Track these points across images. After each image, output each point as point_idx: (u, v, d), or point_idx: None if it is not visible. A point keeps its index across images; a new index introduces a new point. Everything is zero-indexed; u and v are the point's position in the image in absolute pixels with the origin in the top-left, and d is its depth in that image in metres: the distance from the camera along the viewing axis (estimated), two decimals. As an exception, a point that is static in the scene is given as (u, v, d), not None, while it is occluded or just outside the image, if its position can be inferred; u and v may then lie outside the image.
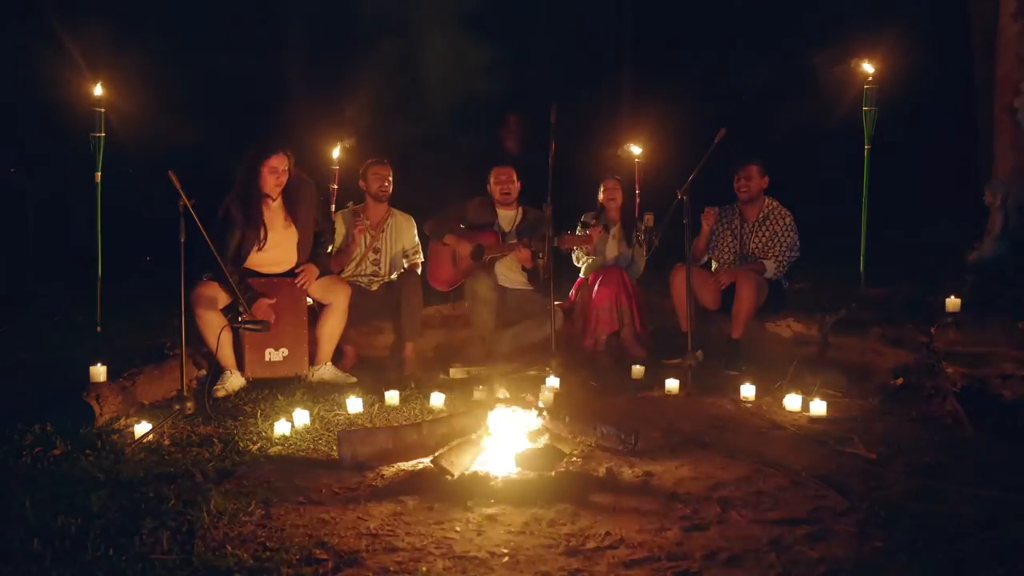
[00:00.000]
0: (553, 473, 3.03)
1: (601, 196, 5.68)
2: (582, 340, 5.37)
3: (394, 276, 5.33)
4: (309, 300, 4.75)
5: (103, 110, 4.71)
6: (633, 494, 2.90)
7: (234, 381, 4.41)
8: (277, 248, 4.64)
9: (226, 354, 4.41)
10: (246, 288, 4.39)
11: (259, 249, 4.57)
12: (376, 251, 5.37)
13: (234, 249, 4.49)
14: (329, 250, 5.00)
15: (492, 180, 5.52)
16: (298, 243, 4.70)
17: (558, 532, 2.55)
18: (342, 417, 3.93)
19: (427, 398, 4.19)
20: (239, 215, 4.50)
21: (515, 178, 5.50)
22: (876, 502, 2.76)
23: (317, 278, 4.69)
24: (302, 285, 4.63)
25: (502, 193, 5.47)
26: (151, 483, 2.93)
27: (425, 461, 3.21)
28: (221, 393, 4.31)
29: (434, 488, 2.93)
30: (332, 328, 4.69)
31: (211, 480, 3.00)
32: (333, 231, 5.14)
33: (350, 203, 5.45)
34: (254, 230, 4.53)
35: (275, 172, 4.54)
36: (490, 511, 2.71)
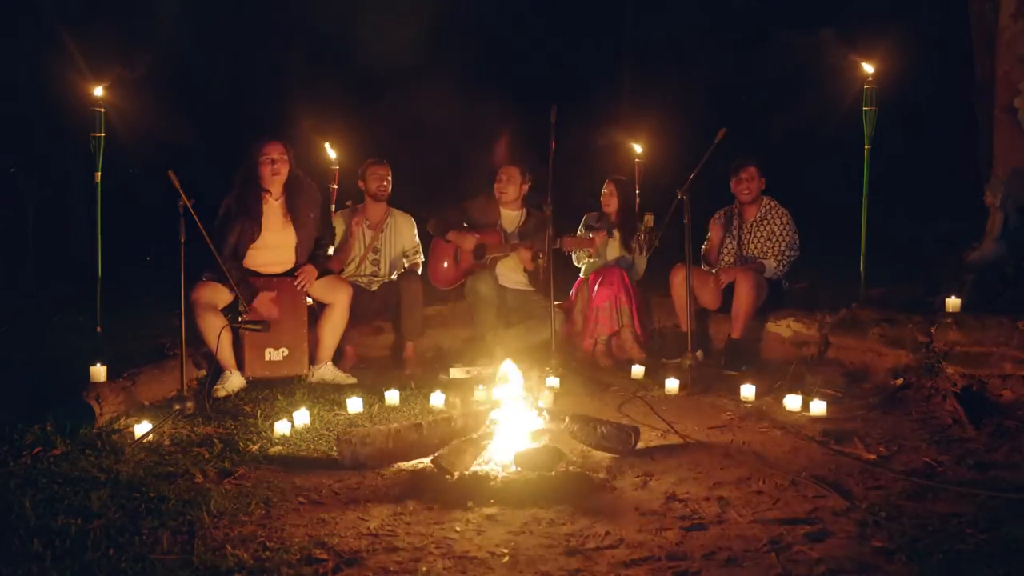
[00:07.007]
0: (553, 473, 3.02)
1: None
2: (582, 340, 5.37)
3: (394, 276, 5.33)
4: (309, 300, 4.75)
5: (103, 110, 4.70)
6: (633, 494, 2.90)
7: (234, 381, 4.41)
8: (276, 248, 4.64)
9: (226, 354, 4.41)
10: (245, 285, 4.40)
11: (254, 242, 4.56)
12: (376, 251, 5.37)
13: (232, 245, 4.48)
14: (329, 252, 4.99)
15: (496, 178, 5.52)
16: (297, 244, 4.70)
17: (558, 532, 2.55)
18: (342, 417, 3.93)
19: (427, 398, 4.19)
20: (237, 206, 4.50)
21: (519, 179, 5.47)
22: (876, 502, 2.76)
23: (317, 278, 4.70)
24: (301, 286, 4.63)
25: (499, 192, 5.48)
26: (151, 483, 2.93)
27: (425, 461, 3.21)
28: (221, 393, 4.31)
29: (434, 488, 2.93)
30: (333, 328, 4.69)
31: (211, 480, 3.00)
32: (333, 236, 5.15)
33: (348, 202, 5.44)
34: (252, 222, 4.52)
35: (271, 161, 4.53)
36: (490, 511, 2.71)
